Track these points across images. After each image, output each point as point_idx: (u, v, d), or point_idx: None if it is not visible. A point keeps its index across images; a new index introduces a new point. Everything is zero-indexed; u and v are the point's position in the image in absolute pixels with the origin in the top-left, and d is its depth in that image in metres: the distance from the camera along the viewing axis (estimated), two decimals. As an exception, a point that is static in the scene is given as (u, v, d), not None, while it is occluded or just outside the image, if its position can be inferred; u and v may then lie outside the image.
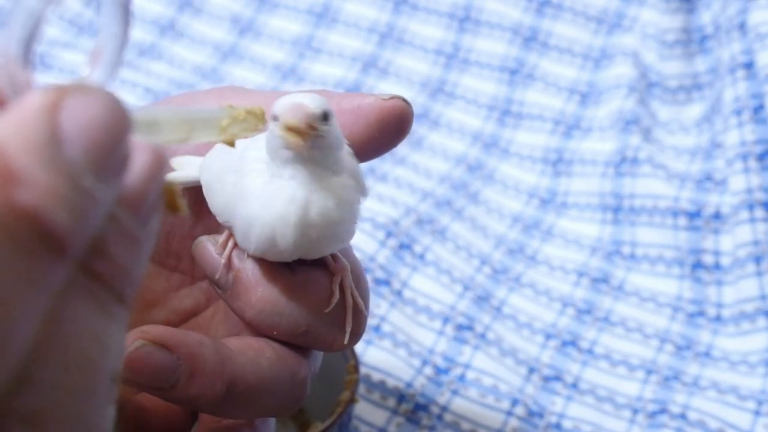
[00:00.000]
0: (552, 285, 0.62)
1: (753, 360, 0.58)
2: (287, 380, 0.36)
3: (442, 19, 0.76)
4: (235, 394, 0.34)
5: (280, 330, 0.36)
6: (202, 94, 0.41)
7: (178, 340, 0.34)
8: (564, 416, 0.55)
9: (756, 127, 0.63)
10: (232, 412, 0.35)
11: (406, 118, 0.37)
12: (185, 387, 0.34)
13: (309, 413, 0.52)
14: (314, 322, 0.36)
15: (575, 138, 0.71)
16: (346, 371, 0.49)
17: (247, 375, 0.35)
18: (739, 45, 0.66)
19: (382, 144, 0.37)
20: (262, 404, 0.35)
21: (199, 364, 0.34)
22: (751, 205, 0.62)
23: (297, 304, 0.35)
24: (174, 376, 0.33)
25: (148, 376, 0.33)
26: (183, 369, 0.33)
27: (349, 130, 0.37)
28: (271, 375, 0.35)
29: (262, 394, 0.35)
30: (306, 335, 0.36)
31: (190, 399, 0.34)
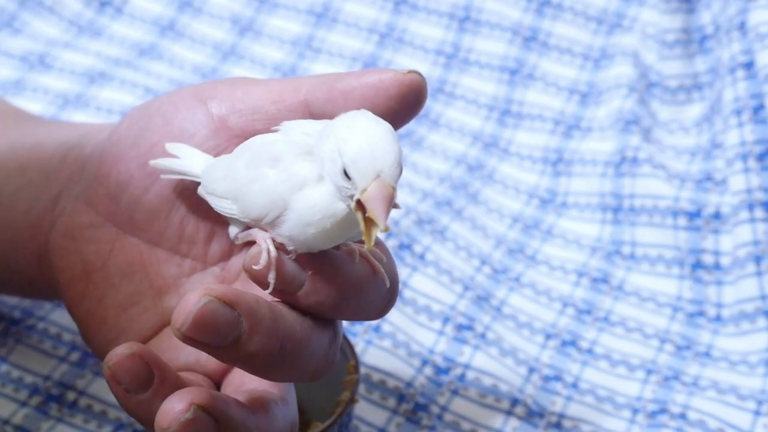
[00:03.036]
0: (552, 285, 0.62)
1: (753, 360, 0.58)
2: (326, 342, 0.37)
3: (442, 19, 0.76)
4: (286, 352, 0.35)
5: (348, 309, 0.37)
6: (215, 84, 0.42)
7: (238, 297, 0.34)
8: (564, 416, 0.55)
9: (756, 127, 0.63)
10: (280, 372, 0.36)
11: (422, 91, 0.39)
12: (245, 343, 0.34)
13: (309, 413, 0.52)
14: (374, 296, 0.37)
15: (575, 138, 0.71)
16: (346, 371, 0.49)
17: (296, 333, 0.36)
18: (739, 45, 0.66)
19: (400, 116, 0.39)
20: (305, 365, 0.36)
21: (258, 321, 0.34)
22: (751, 205, 0.62)
23: (361, 286, 0.37)
24: (236, 332, 0.34)
25: (213, 332, 0.34)
26: (244, 326, 0.34)
27: (371, 102, 0.39)
28: (313, 335, 0.36)
29: (306, 354, 0.36)
30: (370, 308, 0.37)
31: (249, 356, 0.34)
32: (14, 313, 0.58)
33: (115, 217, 0.42)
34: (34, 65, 0.75)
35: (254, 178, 0.36)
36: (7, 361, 0.56)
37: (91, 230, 0.42)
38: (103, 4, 0.80)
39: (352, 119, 0.34)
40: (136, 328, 0.42)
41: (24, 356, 0.56)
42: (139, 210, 0.42)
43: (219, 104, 0.41)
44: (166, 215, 0.42)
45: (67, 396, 0.54)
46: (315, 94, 0.40)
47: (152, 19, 0.80)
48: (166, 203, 0.42)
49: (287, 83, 0.41)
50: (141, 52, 0.78)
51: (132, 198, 0.42)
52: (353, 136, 0.33)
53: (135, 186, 0.42)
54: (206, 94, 0.41)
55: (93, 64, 0.76)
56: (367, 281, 0.37)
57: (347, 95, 0.39)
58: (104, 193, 0.42)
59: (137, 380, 0.35)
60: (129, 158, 0.41)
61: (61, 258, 0.43)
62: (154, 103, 0.42)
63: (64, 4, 0.80)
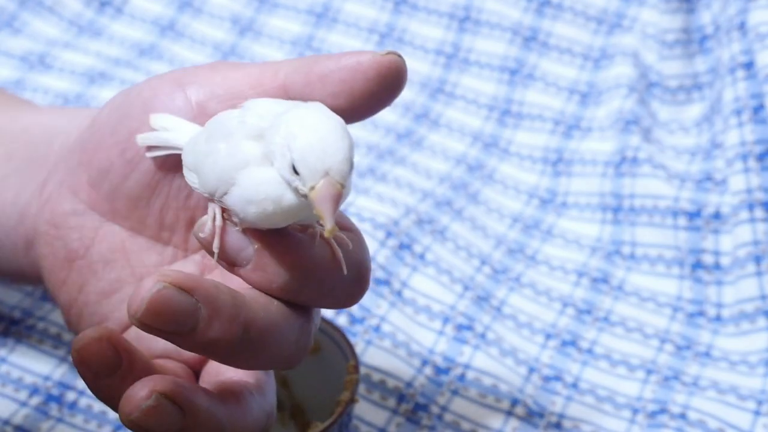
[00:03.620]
0: (552, 285, 0.62)
1: (753, 360, 0.58)
2: (296, 328, 0.37)
3: (442, 19, 0.76)
4: (249, 339, 0.35)
5: (305, 293, 0.36)
6: (195, 69, 0.41)
7: (196, 283, 0.34)
8: (564, 416, 0.55)
9: (756, 127, 0.63)
10: (245, 360, 0.36)
11: (402, 73, 0.39)
12: (204, 330, 0.34)
13: (309, 413, 0.52)
14: (332, 282, 0.36)
15: (575, 138, 0.71)
16: (346, 371, 0.49)
17: (259, 320, 0.35)
18: (739, 45, 0.66)
19: (380, 99, 0.39)
20: (272, 352, 0.36)
21: (217, 307, 0.34)
22: (751, 205, 0.62)
23: (315, 268, 0.36)
24: (194, 318, 0.34)
25: (169, 319, 0.33)
26: (202, 312, 0.34)
27: (350, 85, 0.38)
28: (280, 322, 0.36)
29: (273, 341, 0.36)
30: (325, 296, 0.37)
31: (208, 343, 0.34)
32: (14, 313, 0.58)
33: (97, 204, 0.42)
34: (34, 65, 0.75)
35: (209, 151, 0.36)
36: (7, 361, 0.56)
37: (75, 217, 0.43)
38: (103, 4, 0.80)
39: (303, 114, 0.34)
40: (118, 315, 0.42)
41: (24, 356, 0.56)
42: (119, 197, 0.42)
43: (198, 90, 0.40)
44: (146, 202, 0.42)
45: (67, 396, 0.54)
46: (293, 78, 0.39)
47: (152, 19, 0.80)
48: (147, 190, 0.41)
49: (266, 67, 0.40)
50: (141, 52, 0.78)
51: (112, 185, 0.42)
52: (303, 132, 0.33)
53: (115, 173, 0.41)
54: (185, 80, 0.41)
55: (93, 64, 0.76)
56: (327, 266, 0.36)
57: (325, 78, 0.39)
58: (86, 180, 0.42)
59: (104, 364, 0.35)
60: (109, 145, 0.41)
61: (45, 245, 0.43)
62: (133, 90, 0.42)
63: (64, 4, 0.80)
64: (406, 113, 0.73)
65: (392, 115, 0.72)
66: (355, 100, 0.38)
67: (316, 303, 0.38)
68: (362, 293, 0.38)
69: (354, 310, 0.58)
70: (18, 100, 0.54)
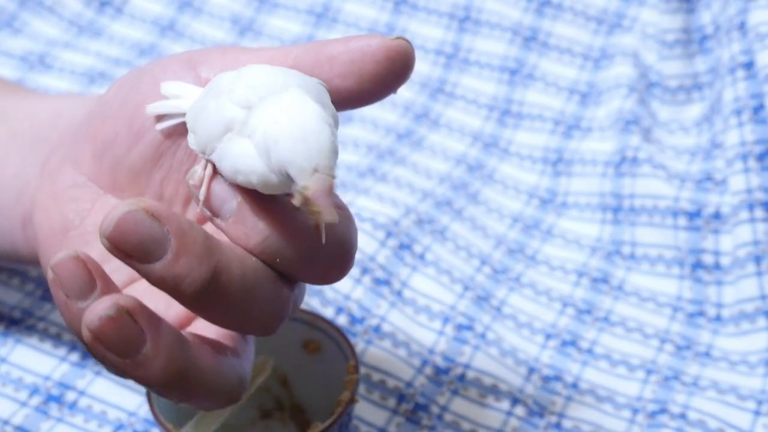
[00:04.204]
0: (552, 285, 0.62)
1: (753, 360, 0.58)
2: (271, 290, 0.37)
3: (442, 19, 0.76)
4: (218, 286, 0.35)
5: (283, 257, 0.36)
6: (206, 51, 0.42)
7: (169, 215, 0.34)
8: (564, 416, 0.55)
9: (756, 127, 0.63)
10: (215, 311, 0.36)
11: (410, 58, 0.39)
12: (171, 264, 0.34)
13: (309, 413, 0.52)
14: (311, 251, 0.37)
15: (575, 138, 0.71)
16: (346, 371, 0.49)
17: (232, 268, 0.35)
18: (739, 45, 0.66)
19: (388, 82, 0.39)
20: (243, 308, 0.36)
21: (188, 243, 0.34)
22: (751, 205, 0.62)
23: (295, 231, 0.36)
24: (161, 248, 0.34)
25: (135, 242, 0.34)
26: (171, 245, 0.34)
27: (358, 66, 0.38)
28: (255, 278, 0.36)
29: (244, 296, 0.36)
30: (305, 265, 0.37)
31: (174, 279, 0.34)
32: (14, 313, 0.58)
33: (98, 177, 0.42)
34: (34, 65, 0.75)
35: (202, 107, 0.37)
36: (7, 361, 0.56)
37: (74, 189, 0.43)
38: (103, 4, 0.80)
39: (279, 110, 0.34)
40: None
41: (24, 356, 0.56)
42: (121, 169, 0.42)
43: (208, 69, 0.41)
44: (148, 175, 0.42)
45: (67, 396, 0.54)
46: (302, 59, 0.40)
47: (152, 19, 0.80)
48: (149, 163, 0.42)
49: (276, 50, 0.41)
50: (141, 52, 0.78)
51: (115, 157, 0.42)
52: (284, 134, 0.34)
53: (119, 145, 0.42)
54: (196, 59, 0.41)
55: (93, 64, 0.76)
56: (307, 232, 0.37)
57: (333, 60, 0.39)
58: (89, 153, 0.42)
59: (78, 285, 0.35)
60: (116, 118, 0.41)
61: (42, 215, 0.43)
62: (144, 68, 0.42)
63: (64, 4, 0.80)
64: (406, 113, 0.73)
65: (392, 115, 0.72)
66: (363, 82, 0.38)
67: (294, 271, 0.37)
68: (343, 271, 0.38)
69: (354, 310, 0.58)
70: (23, 88, 0.55)
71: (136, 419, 0.53)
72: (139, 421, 0.53)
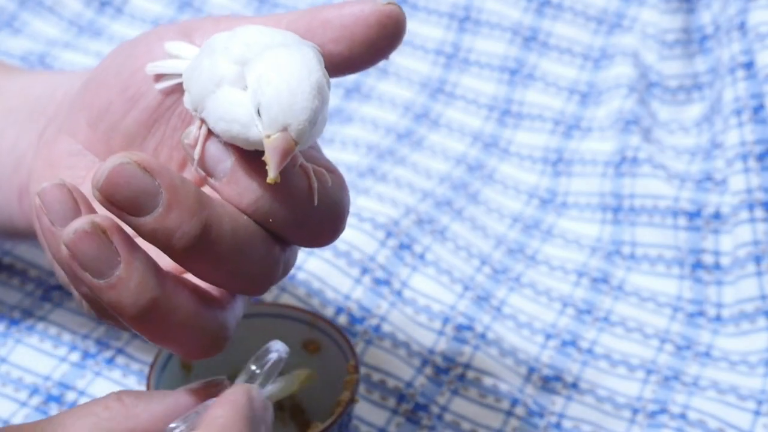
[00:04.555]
0: (552, 285, 0.62)
1: (753, 360, 0.58)
2: (262, 249, 0.37)
3: (442, 19, 0.76)
4: (209, 241, 0.35)
5: (276, 217, 0.37)
6: (199, 20, 0.42)
7: (161, 168, 0.35)
8: (564, 416, 0.55)
9: (756, 127, 0.63)
10: (203, 266, 0.36)
11: (401, 23, 0.39)
12: (162, 217, 0.34)
13: (309, 413, 0.52)
14: (304, 212, 0.37)
15: (575, 138, 0.71)
16: (346, 371, 0.49)
17: (223, 224, 0.36)
18: (739, 45, 0.66)
19: (380, 47, 0.39)
20: (233, 265, 0.36)
21: (179, 197, 0.35)
22: (751, 205, 0.62)
23: (288, 192, 0.37)
24: (153, 201, 0.34)
25: (127, 194, 0.34)
26: (163, 198, 0.34)
27: (351, 31, 0.39)
28: (246, 236, 0.36)
29: (235, 253, 0.36)
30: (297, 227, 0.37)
31: (164, 232, 0.34)
32: (14, 313, 0.58)
33: (94, 144, 0.43)
34: (34, 65, 0.75)
35: (195, 66, 0.38)
36: (7, 361, 0.56)
37: (69, 158, 0.43)
38: (103, 4, 0.80)
39: (284, 59, 0.35)
40: None
41: (24, 356, 0.56)
42: (116, 136, 0.42)
43: (202, 36, 0.41)
44: (142, 141, 0.42)
45: (67, 396, 0.54)
46: (296, 24, 0.40)
47: (152, 19, 0.80)
48: (143, 128, 0.42)
49: (269, 18, 0.41)
50: (141, 52, 0.78)
51: (110, 123, 0.42)
52: (276, 81, 0.34)
53: (114, 111, 0.42)
54: (191, 28, 0.42)
55: (93, 64, 0.76)
56: (300, 193, 0.37)
57: (326, 24, 0.39)
58: (84, 122, 0.43)
59: (62, 210, 0.35)
60: (111, 85, 0.42)
61: (38, 185, 0.43)
62: (139, 37, 0.43)
63: (64, 4, 0.80)
64: (406, 113, 0.73)
65: (392, 115, 0.72)
66: (354, 46, 0.39)
67: (286, 232, 0.38)
68: (334, 235, 0.39)
69: (354, 310, 0.58)
70: (18, 67, 0.55)
71: (136, 419, 0.53)
72: (139, 421, 0.53)
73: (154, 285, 0.35)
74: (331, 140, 0.70)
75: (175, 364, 0.50)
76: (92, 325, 0.57)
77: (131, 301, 0.35)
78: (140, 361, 0.56)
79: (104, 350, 0.56)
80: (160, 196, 0.34)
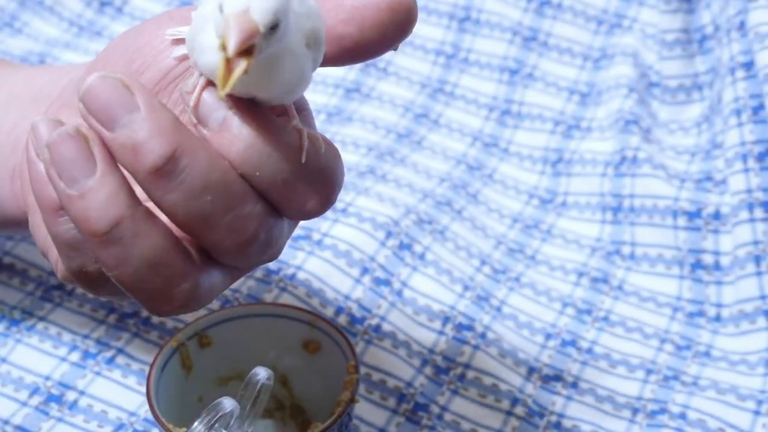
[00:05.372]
0: (552, 285, 0.63)
1: (753, 360, 0.58)
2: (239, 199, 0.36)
3: (442, 19, 0.76)
4: (179, 168, 0.35)
5: (263, 171, 0.36)
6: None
7: (142, 88, 0.35)
8: (564, 416, 0.55)
9: (756, 127, 0.63)
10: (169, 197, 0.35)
11: (412, 12, 0.39)
12: (134, 132, 0.35)
13: (309, 413, 0.52)
14: (292, 170, 0.37)
15: (575, 138, 0.71)
16: (346, 371, 0.49)
17: (198, 156, 0.35)
18: (738, 45, 0.66)
19: (388, 34, 0.39)
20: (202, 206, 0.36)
21: (155, 116, 0.35)
22: (751, 205, 0.62)
23: (279, 146, 0.36)
24: (128, 115, 0.35)
25: (103, 103, 0.35)
26: (140, 115, 0.35)
27: (361, 13, 0.39)
28: (223, 178, 0.36)
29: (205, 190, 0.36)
30: (284, 186, 0.37)
31: (133, 147, 0.35)
32: (14, 313, 0.58)
33: None
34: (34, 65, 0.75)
35: (193, 17, 0.37)
36: (7, 361, 0.56)
37: None
38: (103, 4, 0.80)
39: None
40: None
41: (24, 356, 0.56)
42: None
43: None
44: None
45: (67, 396, 0.54)
46: None
47: (152, 19, 0.80)
48: None
49: None
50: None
51: None
52: None
53: None
54: None
55: (93, 64, 0.76)
56: (290, 150, 0.37)
57: (338, 5, 0.39)
58: None
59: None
60: (115, 60, 0.42)
61: None
62: (147, 21, 0.43)
63: (64, 4, 0.80)
64: (406, 113, 0.73)
65: (392, 115, 0.72)
66: (365, 28, 0.39)
67: (273, 190, 0.37)
68: (323, 202, 0.38)
69: (354, 310, 0.58)
70: (23, 64, 0.55)
71: (137, 419, 0.53)
72: (139, 421, 0.53)
73: (124, 203, 0.35)
74: (331, 140, 0.70)
75: (176, 364, 0.50)
76: (93, 325, 0.57)
77: (97, 214, 0.35)
78: (140, 361, 0.56)
79: (104, 350, 0.56)
80: (137, 113, 0.35)
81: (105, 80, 0.35)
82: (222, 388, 0.52)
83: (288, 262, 0.60)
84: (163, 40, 0.41)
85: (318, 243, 0.61)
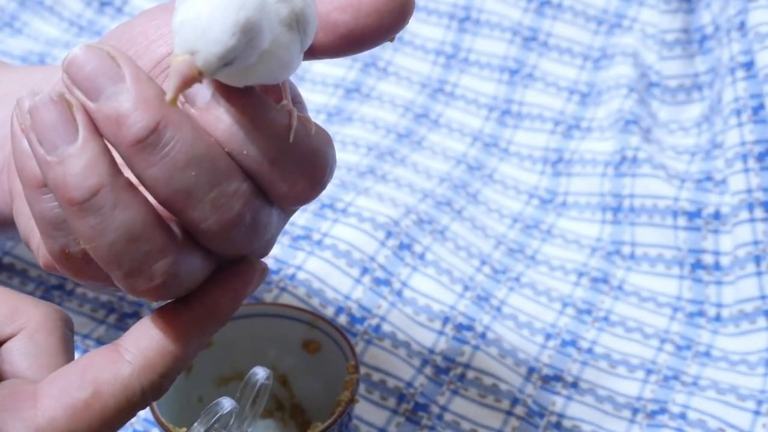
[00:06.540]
0: (552, 285, 0.63)
1: (753, 360, 0.58)
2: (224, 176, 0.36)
3: (442, 19, 0.76)
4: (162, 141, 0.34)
5: (250, 149, 0.36)
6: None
7: (128, 60, 0.35)
8: (564, 416, 0.55)
9: (756, 127, 0.63)
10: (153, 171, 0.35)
11: (408, 3, 0.38)
12: (119, 102, 0.34)
13: (309, 413, 0.52)
14: (280, 150, 0.36)
15: (575, 138, 0.71)
16: (346, 371, 0.49)
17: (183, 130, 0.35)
18: (738, 45, 0.66)
19: (384, 24, 0.38)
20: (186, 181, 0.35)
21: (141, 88, 0.34)
22: (751, 205, 0.62)
23: (267, 124, 0.36)
24: (113, 86, 0.34)
25: (89, 74, 0.34)
26: (125, 86, 0.34)
27: (357, 2, 0.38)
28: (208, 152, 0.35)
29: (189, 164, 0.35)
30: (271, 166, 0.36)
31: (117, 118, 0.34)
32: (14, 313, 0.58)
33: None
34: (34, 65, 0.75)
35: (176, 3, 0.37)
36: (7, 361, 0.56)
37: None
38: (103, 4, 0.80)
39: None
40: None
41: (24, 356, 0.56)
42: None
43: None
44: None
45: (68, 396, 0.54)
46: None
47: (152, 19, 0.80)
48: None
49: None
50: (141, 52, 0.78)
51: None
52: (199, 4, 0.33)
53: None
54: None
55: (93, 64, 0.76)
56: (278, 129, 0.36)
57: None
58: None
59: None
60: None
61: None
62: (141, 13, 0.42)
63: (64, 4, 0.80)
64: (406, 113, 0.73)
65: (392, 115, 0.72)
66: (361, 16, 0.38)
67: (261, 170, 0.36)
68: (312, 186, 0.37)
69: (354, 310, 0.58)
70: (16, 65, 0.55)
71: (136, 419, 0.53)
72: (139, 421, 0.53)
73: (104, 171, 0.35)
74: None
75: (176, 364, 0.50)
76: (93, 325, 0.57)
77: (76, 181, 0.34)
78: (140, 361, 0.56)
79: (104, 350, 0.56)
80: (122, 84, 0.34)
81: (90, 50, 0.34)
82: (222, 388, 0.52)
83: (288, 262, 0.60)
84: (156, 30, 0.40)
85: (318, 243, 0.61)
